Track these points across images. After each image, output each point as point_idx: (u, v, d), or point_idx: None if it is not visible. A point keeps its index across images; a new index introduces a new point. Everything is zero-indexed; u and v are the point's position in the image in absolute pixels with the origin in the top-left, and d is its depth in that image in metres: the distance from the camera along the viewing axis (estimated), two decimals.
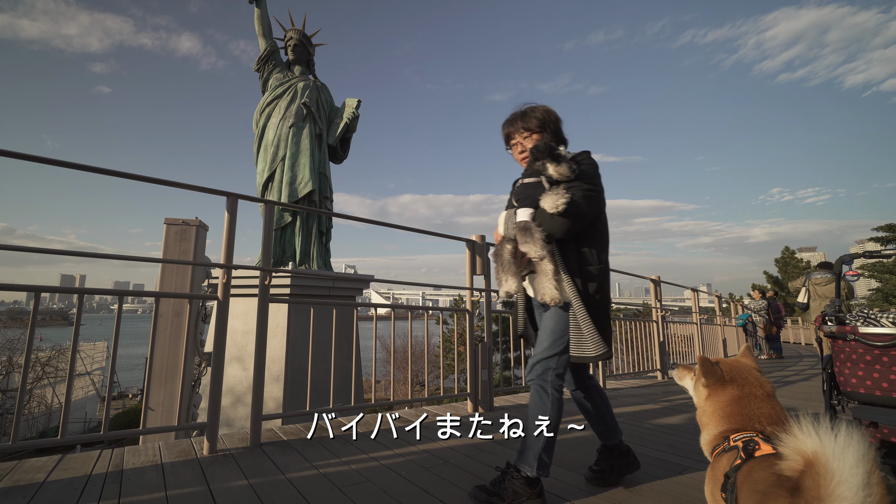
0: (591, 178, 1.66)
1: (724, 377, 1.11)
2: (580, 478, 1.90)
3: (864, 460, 0.55)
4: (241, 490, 1.72)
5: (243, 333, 5.84)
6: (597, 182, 1.67)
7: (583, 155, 1.74)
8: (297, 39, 8.16)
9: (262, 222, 2.72)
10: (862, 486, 0.54)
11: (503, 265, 1.68)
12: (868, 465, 0.55)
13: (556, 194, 1.57)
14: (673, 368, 1.31)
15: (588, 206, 1.61)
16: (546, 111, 1.83)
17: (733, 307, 10.70)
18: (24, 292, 2.20)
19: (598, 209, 1.68)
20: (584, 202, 1.60)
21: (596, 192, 1.65)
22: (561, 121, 1.87)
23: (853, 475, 0.55)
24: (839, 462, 0.57)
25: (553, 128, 1.82)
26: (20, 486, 1.69)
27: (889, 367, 1.74)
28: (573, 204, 1.57)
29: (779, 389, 4.98)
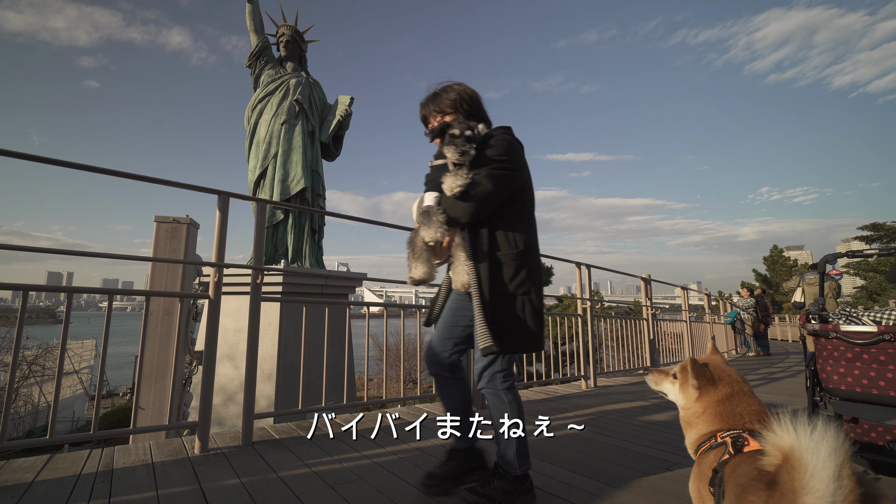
0: (502, 156, 1.54)
1: (714, 377, 1.13)
2: (571, 474, 1.92)
3: (835, 454, 0.58)
4: (233, 489, 1.72)
5: (235, 332, 5.81)
6: (509, 161, 1.55)
7: (498, 131, 1.64)
8: (290, 36, 8.10)
9: (253, 220, 2.71)
10: (833, 479, 0.57)
11: (414, 251, 1.58)
12: (839, 458, 0.57)
13: (455, 176, 1.49)
14: (646, 374, 1.29)
15: (496, 187, 1.50)
16: (460, 90, 1.73)
17: (722, 305, 10.86)
18: (9, 290, 2.16)
19: (510, 189, 1.56)
20: (489, 183, 1.49)
21: (506, 172, 1.53)
22: (478, 98, 1.76)
23: (825, 468, 0.58)
24: (812, 456, 0.59)
25: (467, 107, 1.71)
26: (8, 487, 1.67)
27: (869, 364, 1.79)
28: (474, 185, 1.48)
29: (765, 386, 5.09)
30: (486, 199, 1.50)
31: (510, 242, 1.56)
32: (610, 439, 2.52)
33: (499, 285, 1.53)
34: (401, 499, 1.66)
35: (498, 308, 1.51)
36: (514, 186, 1.59)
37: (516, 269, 1.55)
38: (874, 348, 1.78)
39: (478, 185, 1.49)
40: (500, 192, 1.53)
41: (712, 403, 1.10)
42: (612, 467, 2.04)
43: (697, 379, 1.11)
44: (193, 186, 2.40)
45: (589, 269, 4.78)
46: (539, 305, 1.60)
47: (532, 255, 1.62)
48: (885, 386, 1.74)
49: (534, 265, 1.62)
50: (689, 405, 1.14)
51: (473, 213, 1.50)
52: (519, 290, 1.54)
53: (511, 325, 1.52)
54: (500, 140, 1.59)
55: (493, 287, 1.52)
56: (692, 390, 1.13)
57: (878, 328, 1.77)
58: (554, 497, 1.69)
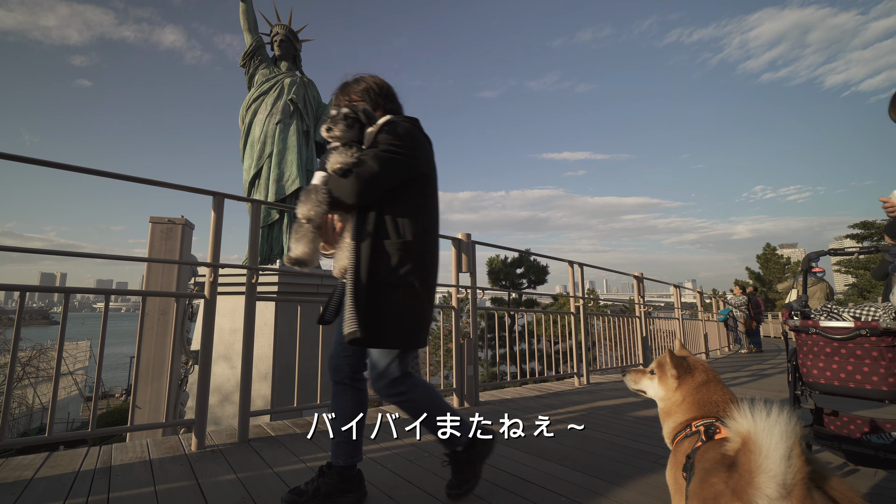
0: (396, 140, 1.48)
1: (690, 367, 1.20)
2: (562, 468, 1.98)
3: (786, 437, 0.63)
4: (230, 484, 1.76)
5: (230, 332, 5.82)
6: (404, 146, 1.49)
7: (400, 119, 1.59)
8: (284, 35, 8.10)
9: (248, 220, 2.74)
10: (784, 459, 0.62)
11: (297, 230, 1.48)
12: (790, 440, 0.63)
13: (339, 153, 1.45)
14: (624, 375, 1.34)
15: (381, 169, 1.43)
16: (371, 81, 1.70)
17: (715, 303, 10.98)
18: (1, 291, 2.19)
19: (399, 174, 1.49)
20: (375, 163, 1.42)
21: (397, 156, 1.46)
22: (389, 89, 1.73)
23: (777, 449, 0.63)
24: (766, 438, 0.64)
25: (375, 96, 1.68)
26: (8, 484, 1.70)
27: (847, 358, 1.85)
28: (359, 164, 1.42)
29: (755, 382, 5.17)
30: (370, 180, 1.42)
31: (398, 231, 1.48)
32: (601, 434, 2.58)
33: (378, 273, 1.44)
34: (395, 493, 1.70)
35: (372, 296, 1.42)
36: (406, 172, 1.51)
37: (401, 259, 1.46)
38: (851, 343, 1.84)
39: (363, 164, 1.43)
40: (387, 175, 1.45)
41: (690, 391, 1.16)
42: (603, 461, 2.09)
43: (676, 368, 1.17)
44: (188, 188, 2.43)
45: (582, 268, 4.84)
46: (423, 303, 1.52)
47: (422, 249, 1.53)
48: (862, 379, 1.80)
49: (423, 260, 1.53)
50: (669, 395, 1.20)
51: (357, 192, 1.41)
52: (401, 282, 1.45)
53: (384, 316, 1.43)
54: (397, 125, 1.54)
55: (372, 274, 1.43)
56: (671, 380, 1.19)
57: (855, 324, 1.83)
58: (546, 490, 1.74)
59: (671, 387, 1.19)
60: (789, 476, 0.62)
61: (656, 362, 1.25)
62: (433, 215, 1.62)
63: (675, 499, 1.03)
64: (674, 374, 1.18)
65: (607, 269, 5.77)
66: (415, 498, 1.66)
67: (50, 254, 2.17)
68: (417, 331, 1.51)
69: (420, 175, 1.56)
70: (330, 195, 1.43)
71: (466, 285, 3.58)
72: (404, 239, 1.48)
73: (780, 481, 0.62)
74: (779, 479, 0.62)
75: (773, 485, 0.63)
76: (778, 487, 0.62)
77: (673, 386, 1.19)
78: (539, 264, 15.99)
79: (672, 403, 1.18)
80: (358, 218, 1.49)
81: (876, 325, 1.76)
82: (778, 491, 0.62)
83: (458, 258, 3.58)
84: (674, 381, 1.19)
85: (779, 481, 0.62)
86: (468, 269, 3.57)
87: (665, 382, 1.21)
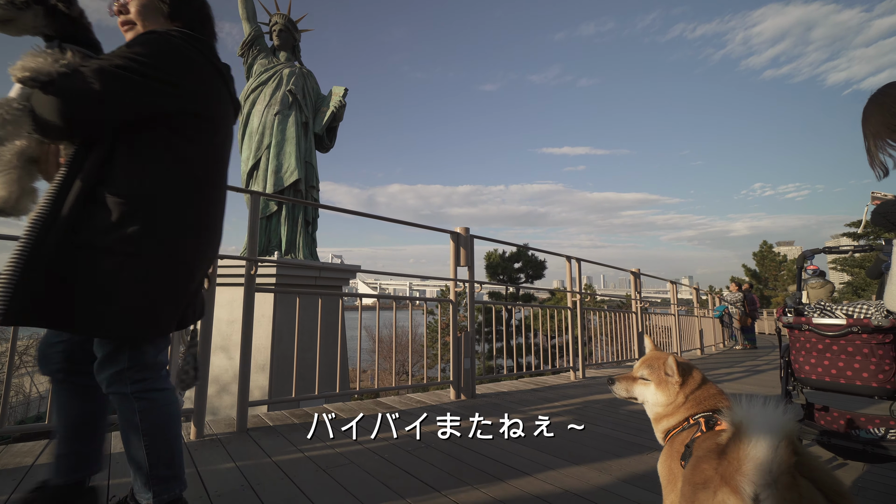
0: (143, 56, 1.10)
1: (689, 369, 1.18)
2: (556, 459, 2.01)
3: (775, 427, 0.67)
4: (229, 472, 1.78)
5: (228, 323, 5.83)
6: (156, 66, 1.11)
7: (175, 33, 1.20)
8: (283, 24, 8.02)
9: (246, 210, 2.74)
10: (771, 448, 0.65)
11: None
12: (779, 431, 0.65)
13: (36, 56, 1.06)
14: (612, 384, 1.26)
15: (107, 89, 1.04)
16: None
17: (711, 299, 11.05)
18: None
19: (142, 102, 1.11)
20: (97, 79, 1.03)
21: (136, 74, 1.08)
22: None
23: (765, 439, 0.66)
24: (755, 428, 0.68)
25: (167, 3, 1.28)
26: (8, 470, 1.72)
27: (838, 354, 1.88)
28: (68, 77, 1.03)
29: (749, 378, 5.23)
30: (82, 101, 1.04)
31: (131, 179, 1.12)
32: (595, 427, 2.62)
33: (83, 232, 1.07)
34: (392, 482, 1.73)
35: (68, 262, 1.05)
36: (150, 101, 1.13)
37: (125, 216, 1.08)
38: (843, 340, 1.87)
39: (75, 77, 1.04)
40: (114, 99, 1.07)
41: (692, 391, 1.16)
42: (595, 453, 2.13)
43: (681, 375, 1.15)
44: None
45: (579, 263, 4.87)
46: (162, 276, 1.15)
47: (173, 209, 1.17)
48: (852, 375, 1.83)
49: (173, 222, 1.17)
50: (671, 399, 1.16)
51: (63, 114, 1.02)
52: (119, 247, 1.08)
53: (88, 290, 1.06)
54: (156, 39, 1.15)
55: (72, 232, 1.06)
56: (674, 385, 1.16)
57: (847, 321, 1.86)
58: (539, 481, 1.77)
59: (673, 391, 1.16)
60: (775, 464, 0.65)
61: (645, 367, 1.21)
62: (205, 168, 1.25)
63: (667, 490, 1.06)
64: (678, 381, 1.15)
65: (605, 265, 5.80)
66: (411, 488, 1.68)
67: None
68: (147, 312, 1.12)
69: (184, 111, 1.19)
70: (31, 114, 1.03)
71: (464, 279, 3.60)
72: (137, 192, 1.11)
73: (767, 469, 0.65)
74: (765, 467, 0.65)
75: (759, 472, 0.65)
76: (764, 474, 0.65)
77: (675, 390, 1.16)
78: (537, 259, 16.04)
79: (674, 407, 1.16)
80: (76, 153, 1.11)
81: (867, 323, 1.79)
82: (764, 478, 0.65)
83: (456, 252, 3.59)
84: (677, 386, 1.16)
85: (765, 469, 0.65)
86: (466, 262, 3.59)
87: (666, 388, 1.17)
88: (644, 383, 1.21)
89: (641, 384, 1.22)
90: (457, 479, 1.77)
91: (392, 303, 3.60)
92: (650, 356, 1.25)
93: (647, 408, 1.21)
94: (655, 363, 1.21)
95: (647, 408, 1.21)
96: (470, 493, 1.64)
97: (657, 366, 1.20)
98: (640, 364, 1.25)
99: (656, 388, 1.18)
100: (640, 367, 1.24)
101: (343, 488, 1.66)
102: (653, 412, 1.20)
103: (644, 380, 1.21)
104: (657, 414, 1.19)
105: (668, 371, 1.17)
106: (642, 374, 1.22)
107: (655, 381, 1.19)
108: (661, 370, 1.18)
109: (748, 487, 0.66)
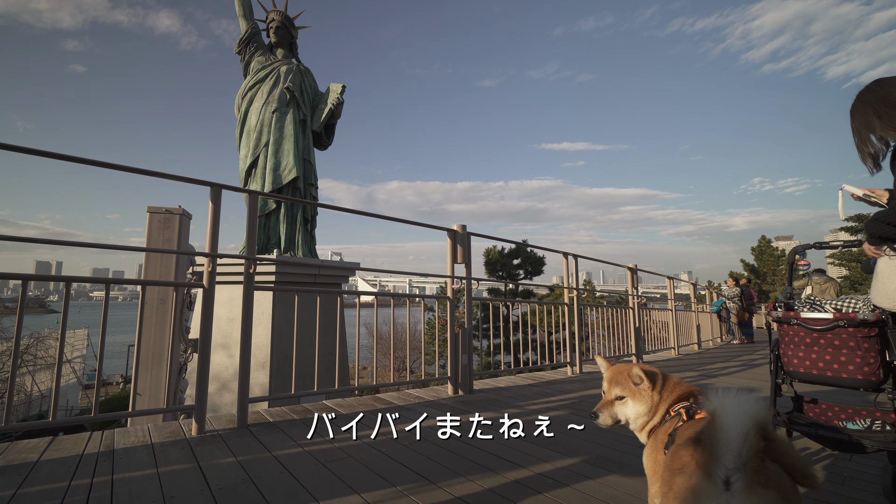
0: None
1: (654, 373, 1.21)
2: (548, 452, 2.05)
3: (744, 413, 0.72)
4: (230, 467, 1.82)
5: (228, 321, 5.87)
6: None
7: None
8: (280, 21, 8.00)
9: (244, 208, 2.76)
10: (741, 434, 0.71)
11: None
12: (748, 417, 0.71)
13: None
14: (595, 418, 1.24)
15: None
16: None
17: (708, 294, 11.10)
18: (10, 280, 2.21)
19: None
20: None
21: None
22: None
23: (735, 426, 0.72)
24: (726, 415, 0.73)
25: None
26: (14, 465, 1.76)
27: (825, 348, 1.92)
28: None
29: (744, 372, 5.27)
30: None
31: None
32: (591, 421, 2.66)
33: None
34: (389, 475, 1.77)
35: None
36: None
37: None
38: (830, 333, 1.91)
39: None
40: None
41: (661, 386, 1.19)
42: (590, 446, 2.17)
43: (651, 381, 1.18)
44: (185, 178, 2.45)
45: (576, 259, 4.90)
46: None
47: None
48: (838, 368, 1.87)
49: None
50: (650, 403, 1.18)
51: None
52: None
53: None
54: None
55: None
56: (647, 391, 1.19)
57: (834, 315, 1.90)
58: (534, 474, 1.82)
59: (648, 396, 1.19)
60: (745, 449, 0.70)
61: (615, 387, 1.23)
62: None
63: (652, 480, 1.10)
64: (649, 386, 1.19)
65: (602, 261, 5.83)
66: (409, 480, 1.73)
67: (50, 243, 2.20)
68: None
69: None
70: None
71: (461, 276, 3.64)
72: None
73: (737, 453, 0.71)
74: (735, 452, 0.71)
75: (730, 456, 0.71)
76: (734, 458, 0.71)
77: (650, 395, 1.19)
78: (535, 255, 16.08)
79: (654, 409, 1.18)
80: None
81: (853, 317, 1.83)
82: (734, 461, 0.71)
83: (452, 249, 3.62)
84: (649, 390, 1.19)
85: (735, 453, 0.71)
86: (463, 259, 3.62)
87: (641, 396, 1.19)
88: (621, 403, 1.21)
89: (619, 405, 1.22)
90: (453, 472, 1.81)
91: (391, 300, 3.63)
92: (613, 373, 1.25)
93: (632, 423, 1.22)
94: (621, 378, 1.22)
95: (632, 423, 1.22)
96: (465, 485, 1.68)
97: (624, 380, 1.21)
98: (608, 386, 1.25)
99: (633, 401, 1.20)
100: (610, 388, 1.24)
101: (342, 481, 1.70)
102: (637, 424, 1.21)
103: (619, 399, 1.21)
104: (642, 423, 1.20)
105: (636, 380, 1.19)
106: (616, 395, 1.22)
107: (630, 394, 1.20)
108: (630, 381, 1.20)
109: (720, 471, 0.72)
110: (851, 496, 1.67)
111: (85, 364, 23.82)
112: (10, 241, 1.94)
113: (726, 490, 0.71)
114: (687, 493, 0.75)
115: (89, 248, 2.40)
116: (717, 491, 0.72)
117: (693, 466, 0.76)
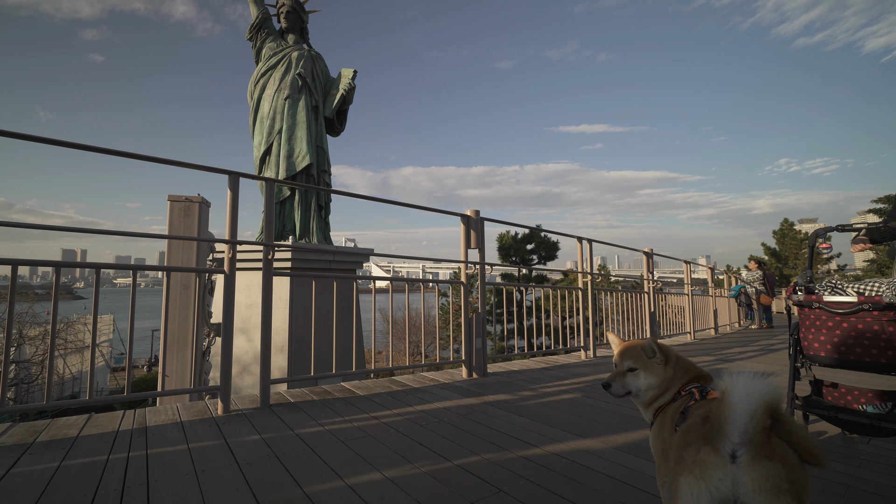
0: None
1: (664, 347, 1.22)
2: (563, 433, 2.09)
3: (754, 393, 0.74)
4: (255, 443, 1.91)
5: (247, 306, 6.03)
6: None
7: None
8: (290, 6, 7.95)
9: (260, 196, 2.81)
10: (748, 412, 0.74)
11: None
12: (757, 396, 0.73)
13: None
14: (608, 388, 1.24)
15: None
16: None
17: (727, 279, 10.90)
18: (31, 267, 2.32)
19: None
20: None
21: None
22: None
23: (743, 403, 0.74)
24: (736, 394, 0.76)
25: None
26: (57, 440, 1.88)
27: (848, 332, 1.89)
28: None
29: (763, 356, 5.21)
30: None
31: None
32: (603, 404, 2.68)
33: None
34: (406, 453, 1.83)
35: None
36: None
37: None
38: (853, 317, 1.87)
39: None
40: None
41: (675, 362, 1.19)
42: (601, 427, 2.20)
43: (664, 353, 1.19)
44: (204, 167, 2.50)
45: (591, 244, 4.86)
46: None
47: None
48: (861, 352, 1.85)
49: None
50: (662, 377, 1.18)
51: None
52: None
53: None
54: None
55: None
56: (660, 364, 1.19)
57: (858, 298, 1.86)
58: (546, 452, 1.86)
59: (661, 369, 1.19)
60: (752, 426, 0.73)
61: (627, 359, 1.23)
62: None
63: (659, 460, 1.10)
64: (663, 359, 1.19)
65: (617, 245, 5.77)
66: (426, 457, 1.78)
67: (79, 231, 2.29)
68: None
69: None
70: None
71: (475, 261, 3.65)
72: None
73: (743, 429, 0.74)
74: (741, 428, 0.74)
75: (736, 432, 0.74)
76: (741, 434, 0.74)
77: (663, 368, 1.20)
78: (549, 240, 15.95)
79: (666, 383, 1.18)
80: None
81: (879, 300, 1.79)
82: (741, 437, 0.74)
83: (466, 235, 3.63)
84: (663, 363, 1.19)
85: (741, 430, 0.74)
86: (476, 245, 3.63)
87: (654, 368, 1.20)
88: (633, 374, 1.21)
89: (631, 376, 1.22)
90: (468, 450, 1.86)
91: (405, 285, 3.68)
92: (625, 348, 1.25)
93: (641, 396, 1.22)
94: (634, 351, 1.22)
95: (641, 396, 1.22)
96: (479, 463, 1.73)
97: (637, 353, 1.21)
98: (619, 358, 1.25)
99: (645, 373, 1.19)
100: (622, 360, 1.24)
101: (361, 458, 1.77)
102: (647, 397, 1.21)
103: (631, 371, 1.21)
104: (651, 397, 1.20)
105: (649, 353, 1.19)
106: (629, 366, 1.22)
107: (643, 366, 1.20)
108: (643, 354, 1.20)
109: (726, 446, 0.75)
110: (866, 478, 1.67)
111: (112, 348, 24.82)
112: (43, 229, 2.03)
113: (732, 462, 0.74)
114: (694, 465, 0.78)
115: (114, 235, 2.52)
116: (724, 463, 0.75)
117: (701, 442, 0.79)
